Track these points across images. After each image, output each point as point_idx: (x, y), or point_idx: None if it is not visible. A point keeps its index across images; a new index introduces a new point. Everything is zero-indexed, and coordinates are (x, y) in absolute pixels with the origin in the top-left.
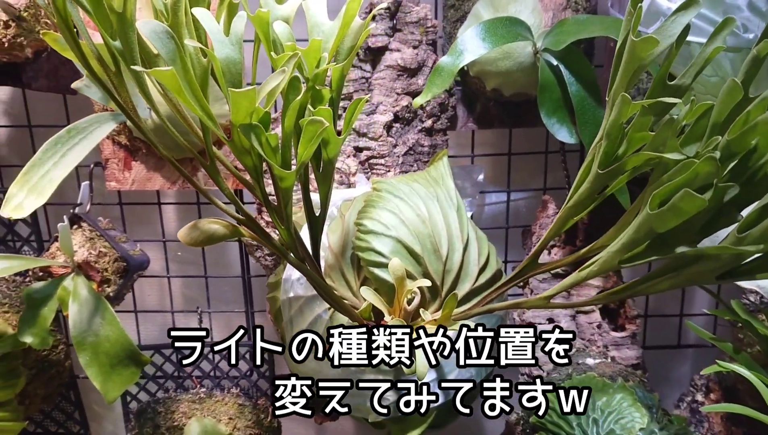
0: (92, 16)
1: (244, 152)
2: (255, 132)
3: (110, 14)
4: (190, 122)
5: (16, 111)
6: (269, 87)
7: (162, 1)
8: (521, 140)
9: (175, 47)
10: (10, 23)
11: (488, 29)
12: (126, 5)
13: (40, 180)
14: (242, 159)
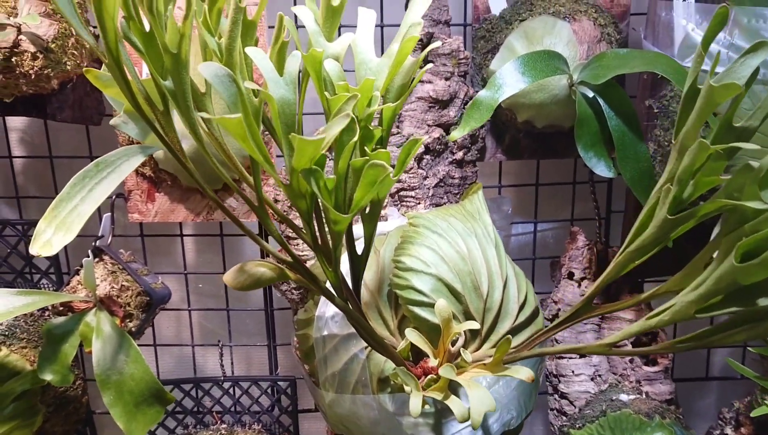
0: (143, 55)
1: (299, 196)
2: (315, 176)
3: (164, 54)
4: (235, 162)
5: (32, 139)
6: (334, 132)
7: (215, 41)
8: (548, 170)
9: (236, 91)
10: (38, 55)
11: (527, 63)
12: (181, 46)
13: (68, 215)
14: (297, 202)
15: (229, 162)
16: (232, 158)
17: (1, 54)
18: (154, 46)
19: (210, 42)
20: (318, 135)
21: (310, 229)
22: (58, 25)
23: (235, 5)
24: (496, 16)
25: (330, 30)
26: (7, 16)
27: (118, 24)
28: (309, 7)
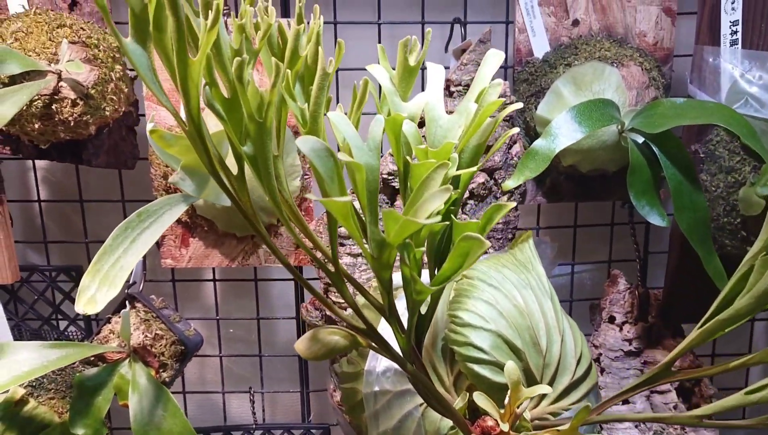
0: (225, 122)
1: (385, 268)
2: (407, 250)
3: (248, 122)
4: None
5: (56, 179)
6: (433, 207)
7: (299, 106)
8: (585, 210)
9: (333, 165)
10: (78, 101)
11: (583, 113)
12: (267, 114)
13: (111, 268)
14: (381, 273)
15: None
16: (300, 219)
17: (40, 101)
18: (236, 112)
19: (294, 108)
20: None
21: (388, 298)
22: (98, 71)
23: (322, 71)
24: (539, 60)
25: (405, 89)
26: (48, 63)
27: (201, 91)
28: (383, 65)
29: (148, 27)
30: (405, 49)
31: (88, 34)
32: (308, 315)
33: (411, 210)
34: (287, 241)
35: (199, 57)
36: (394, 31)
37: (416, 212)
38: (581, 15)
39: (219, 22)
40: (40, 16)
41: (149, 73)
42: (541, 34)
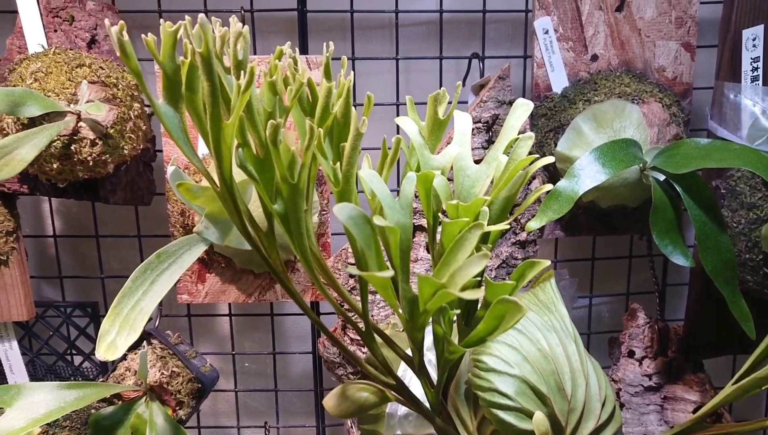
0: (257, 184)
1: (419, 330)
2: (443, 314)
3: (282, 183)
4: (341, 290)
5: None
6: (471, 274)
7: (331, 166)
8: (602, 242)
9: (370, 232)
10: (97, 141)
11: (606, 154)
12: (300, 176)
13: (131, 312)
14: (414, 335)
15: (326, 278)
16: (330, 275)
17: (60, 142)
18: (268, 172)
19: (326, 167)
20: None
21: (419, 356)
22: (117, 110)
23: (356, 131)
24: (557, 95)
25: (434, 142)
26: (68, 103)
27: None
28: (412, 117)
29: (181, 88)
30: (435, 103)
31: (107, 73)
32: (326, 351)
33: (445, 273)
34: (304, 277)
35: (233, 119)
36: (411, 65)
37: (453, 278)
38: (600, 50)
39: (253, 84)
40: (59, 56)
41: (181, 134)
42: (559, 69)
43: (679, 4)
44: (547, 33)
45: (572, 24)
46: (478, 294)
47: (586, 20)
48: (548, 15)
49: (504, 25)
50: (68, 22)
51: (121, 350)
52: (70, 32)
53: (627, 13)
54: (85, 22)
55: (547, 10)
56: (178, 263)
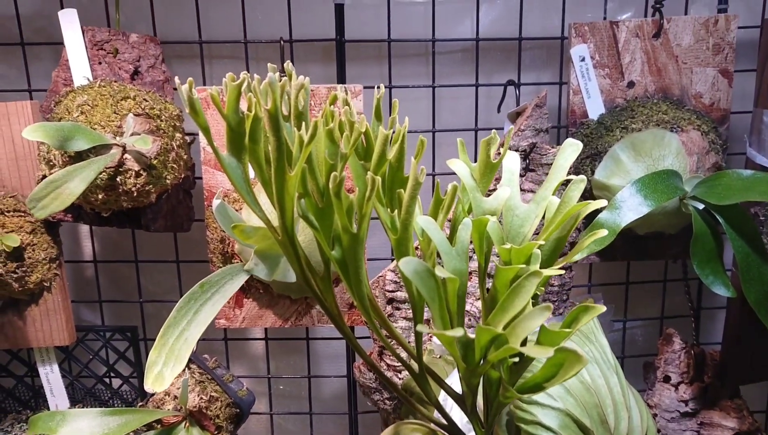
0: (318, 232)
1: (476, 376)
2: (504, 362)
3: (342, 233)
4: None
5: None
6: (532, 327)
7: (389, 214)
8: (636, 265)
9: (435, 285)
10: (141, 172)
11: (648, 186)
12: (361, 226)
13: (176, 342)
14: (471, 380)
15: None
16: (383, 316)
17: (105, 174)
18: (328, 220)
19: (384, 216)
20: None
21: (472, 399)
22: (161, 141)
23: (414, 181)
24: (594, 121)
25: (486, 184)
26: (113, 135)
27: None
28: (463, 159)
29: (244, 140)
30: (487, 146)
31: (150, 105)
32: (362, 376)
33: (501, 319)
34: (341, 301)
35: (296, 171)
36: (445, 91)
37: (514, 330)
38: (637, 77)
39: (316, 137)
40: (104, 89)
41: (244, 185)
42: (596, 95)
43: (717, 31)
44: (584, 60)
45: (609, 51)
46: (547, 352)
47: (623, 47)
48: (585, 42)
49: (539, 51)
50: (112, 54)
51: (168, 381)
52: (114, 64)
53: (664, 40)
54: (128, 54)
55: (583, 37)
56: (220, 293)
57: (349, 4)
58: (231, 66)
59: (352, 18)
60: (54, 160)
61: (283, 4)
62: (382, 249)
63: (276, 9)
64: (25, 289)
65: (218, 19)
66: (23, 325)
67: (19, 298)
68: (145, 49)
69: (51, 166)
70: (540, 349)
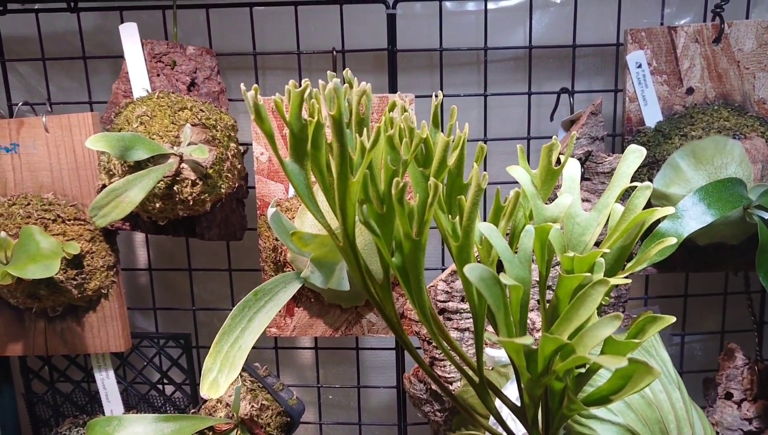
0: (379, 238)
1: (540, 386)
2: (571, 373)
3: (404, 239)
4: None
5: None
6: (603, 336)
7: (450, 221)
8: (695, 277)
9: (500, 292)
10: (197, 181)
11: (711, 194)
12: (423, 233)
13: (230, 349)
14: (534, 391)
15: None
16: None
17: (163, 182)
18: (389, 226)
19: (445, 223)
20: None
21: (534, 410)
22: (216, 151)
23: (477, 187)
24: (651, 129)
25: (546, 191)
26: (171, 145)
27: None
28: (522, 165)
29: (306, 146)
30: (549, 153)
31: (206, 115)
32: (412, 387)
33: (566, 328)
34: None
35: (358, 177)
36: (497, 99)
37: (582, 339)
38: (696, 83)
39: (378, 143)
40: (162, 100)
41: (306, 191)
42: (653, 103)
43: None
44: (640, 67)
45: (666, 57)
46: (620, 362)
47: (681, 53)
48: (641, 49)
49: (593, 58)
50: (170, 66)
51: (223, 388)
52: (171, 76)
53: (725, 45)
54: (185, 66)
55: (640, 43)
56: (274, 301)
57: (401, 14)
58: (284, 77)
59: (403, 28)
60: (114, 169)
61: (336, 16)
62: (430, 260)
63: (328, 20)
64: (84, 295)
65: (272, 31)
66: (81, 331)
67: (77, 305)
68: (202, 61)
69: (111, 176)
70: (612, 358)
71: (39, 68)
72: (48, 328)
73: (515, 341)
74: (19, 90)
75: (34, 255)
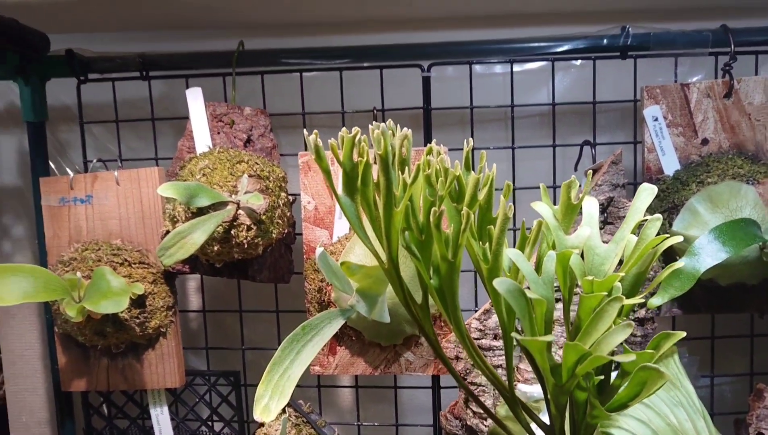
0: (419, 262)
1: (564, 393)
2: (589, 379)
3: (441, 261)
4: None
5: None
6: (616, 342)
7: (480, 246)
8: (722, 320)
9: (526, 304)
10: (252, 226)
11: (726, 233)
12: (457, 255)
13: (280, 378)
14: (559, 398)
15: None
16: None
17: (221, 227)
18: (427, 251)
19: (477, 249)
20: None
21: (561, 420)
22: (269, 199)
23: (504, 216)
24: (669, 177)
25: (567, 224)
26: (229, 194)
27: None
28: (545, 201)
29: (357, 183)
30: (568, 189)
31: (261, 168)
32: (448, 424)
33: (587, 341)
34: (427, 351)
35: (401, 207)
36: (524, 152)
37: (599, 345)
38: (710, 134)
39: (417, 180)
40: (222, 154)
41: (357, 220)
42: (670, 153)
43: None
44: (657, 120)
45: (681, 111)
46: (630, 356)
47: (695, 107)
48: (657, 104)
49: (613, 113)
50: (229, 125)
51: (274, 413)
52: (230, 134)
53: (735, 100)
54: (243, 125)
55: (655, 99)
56: (320, 335)
57: (435, 76)
58: (329, 134)
59: (437, 89)
60: (178, 216)
61: (376, 79)
62: (465, 301)
63: (369, 83)
64: (145, 333)
65: (318, 93)
66: (140, 367)
67: (138, 343)
68: (257, 120)
69: (174, 222)
70: (624, 356)
71: (111, 129)
72: (110, 365)
73: (537, 339)
74: (93, 148)
75: (105, 292)
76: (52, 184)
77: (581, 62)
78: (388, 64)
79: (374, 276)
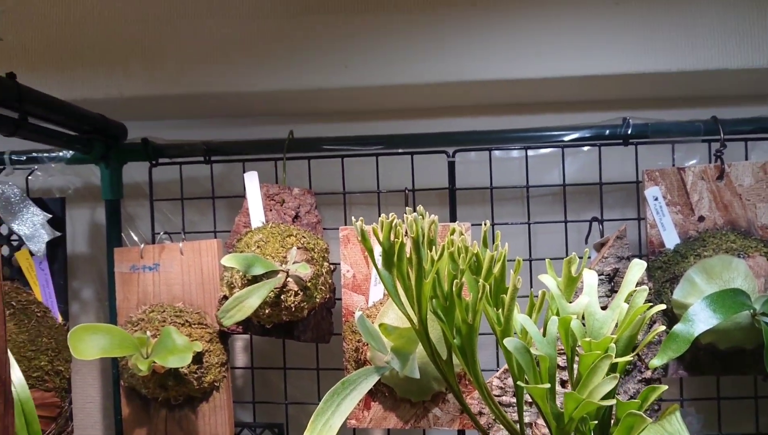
0: (444, 324)
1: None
2: (585, 422)
3: (462, 324)
4: (503, 414)
5: (262, 348)
6: (605, 391)
7: (495, 312)
8: (728, 381)
9: (530, 359)
10: (299, 292)
11: (716, 302)
12: (475, 319)
13: (323, 426)
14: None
15: (492, 403)
16: (490, 395)
17: (272, 293)
18: (450, 315)
19: (492, 314)
20: (592, 392)
21: None
22: (314, 268)
23: (514, 287)
24: (670, 250)
25: (569, 293)
26: (280, 263)
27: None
28: (550, 274)
29: (393, 258)
30: (569, 265)
31: (307, 241)
32: None
33: (584, 392)
34: (453, 407)
35: (430, 279)
36: (539, 227)
37: (592, 394)
38: (706, 212)
39: (443, 256)
40: (275, 229)
41: (393, 289)
42: (670, 228)
43: None
44: (657, 199)
45: (678, 192)
46: (611, 401)
47: (691, 188)
48: (657, 185)
49: (618, 193)
50: (280, 203)
51: None
52: (281, 211)
53: (727, 182)
54: (292, 203)
55: (655, 181)
56: (357, 389)
57: (459, 160)
58: (366, 210)
59: (461, 171)
60: (235, 283)
61: (408, 163)
62: (487, 362)
63: (402, 166)
64: (201, 387)
65: (357, 175)
66: (195, 419)
67: (194, 396)
68: (304, 198)
69: (231, 288)
70: (608, 400)
71: (176, 204)
72: (169, 416)
73: (538, 387)
74: (159, 222)
75: (171, 349)
76: (125, 253)
77: (588, 148)
78: (418, 150)
79: (407, 336)
